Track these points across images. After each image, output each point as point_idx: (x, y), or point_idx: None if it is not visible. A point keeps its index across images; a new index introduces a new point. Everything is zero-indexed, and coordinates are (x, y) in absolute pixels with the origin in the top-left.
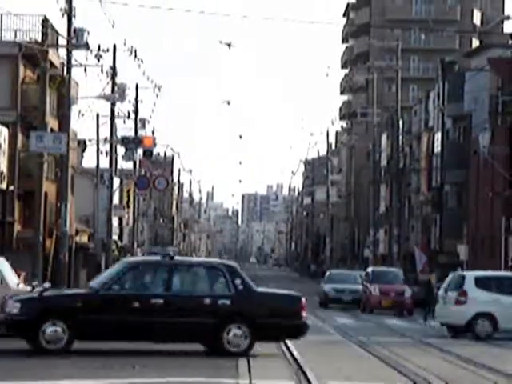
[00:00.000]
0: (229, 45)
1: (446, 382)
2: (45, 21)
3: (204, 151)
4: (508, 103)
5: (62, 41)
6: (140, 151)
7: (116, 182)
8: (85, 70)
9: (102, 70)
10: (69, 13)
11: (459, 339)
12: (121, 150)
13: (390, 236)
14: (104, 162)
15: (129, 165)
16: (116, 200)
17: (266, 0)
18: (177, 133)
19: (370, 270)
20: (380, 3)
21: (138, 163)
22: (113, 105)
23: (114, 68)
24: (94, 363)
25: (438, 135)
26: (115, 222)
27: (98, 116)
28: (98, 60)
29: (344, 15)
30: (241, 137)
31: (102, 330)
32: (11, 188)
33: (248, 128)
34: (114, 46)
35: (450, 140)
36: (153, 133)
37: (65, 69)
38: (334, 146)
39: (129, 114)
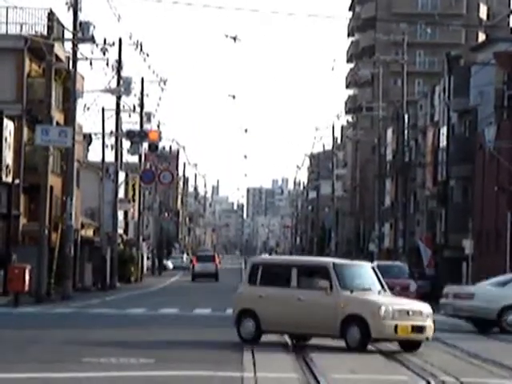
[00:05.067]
0: (234, 38)
1: (454, 376)
2: (50, 14)
3: (209, 145)
4: None
5: (68, 34)
6: (145, 145)
7: (121, 175)
8: (90, 63)
9: (107, 64)
10: (74, 6)
11: (465, 334)
12: (126, 143)
13: (395, 230)
14: (109, 156)
15: (134, 158)
16: (121, 194)
17: None
18: (182, 127)
19: (375, 264)
20: None
21: (143, 157)
22: (118, 98)
23: (119, 62)
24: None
25: (444, 129)
26: (120, 215)
27: (103, 110)
28: (104, 54)
29: (350, 9)
30: (246, 131)
31: None
32: (17, 181)
33: (253, 122)
34: (120, 40)
35: (456, 134)
36: (158, 127)
37: (70, 62)
38: (339, 140)
39: (134, 107)
